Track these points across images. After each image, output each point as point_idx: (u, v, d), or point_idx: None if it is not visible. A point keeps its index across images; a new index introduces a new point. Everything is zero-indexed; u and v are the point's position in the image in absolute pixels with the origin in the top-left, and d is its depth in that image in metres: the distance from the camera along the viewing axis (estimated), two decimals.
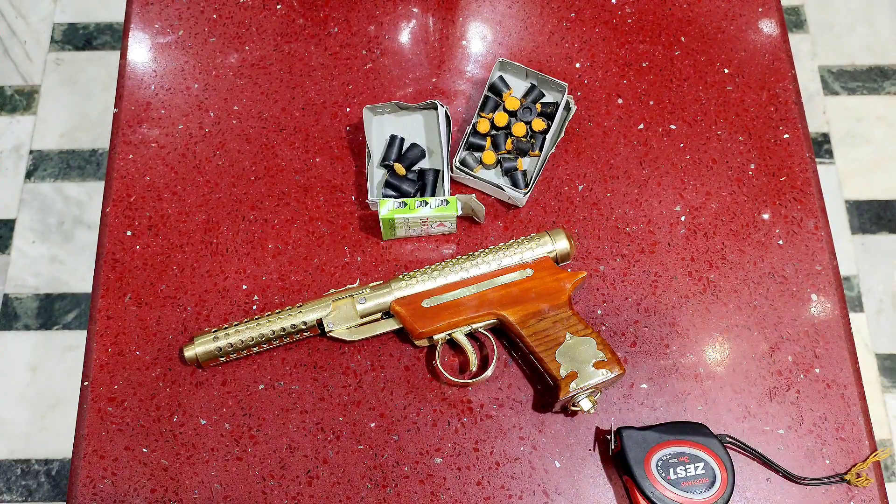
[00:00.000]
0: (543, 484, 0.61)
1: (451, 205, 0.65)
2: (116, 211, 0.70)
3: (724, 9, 0.78)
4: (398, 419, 0.63)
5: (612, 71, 0.76)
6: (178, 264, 0.68)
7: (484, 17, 0.78)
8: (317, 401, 0.64)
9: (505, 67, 0.73)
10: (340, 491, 0.61)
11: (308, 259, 0.68)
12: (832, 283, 0.67)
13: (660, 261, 0.68)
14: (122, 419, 0.63)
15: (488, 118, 0.71)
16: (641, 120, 0.73)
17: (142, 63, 0.76)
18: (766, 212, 0.70)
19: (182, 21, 0.78)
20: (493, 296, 0.62)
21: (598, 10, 0.78)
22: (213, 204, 0.71)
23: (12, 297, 1.57)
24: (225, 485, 0.61)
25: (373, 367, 0.64)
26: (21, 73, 1.76)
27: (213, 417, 0.63)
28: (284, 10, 0.78)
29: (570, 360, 0.59)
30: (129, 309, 0.67)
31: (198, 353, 0.62)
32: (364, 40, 0.77)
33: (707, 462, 0.58)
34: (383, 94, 0.75)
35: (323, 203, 0.70)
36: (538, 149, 0.70)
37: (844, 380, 0.64)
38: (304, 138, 0.73)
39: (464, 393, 0.64)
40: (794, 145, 0.72)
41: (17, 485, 1.44)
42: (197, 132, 0.73)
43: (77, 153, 1.69)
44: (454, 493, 0.61)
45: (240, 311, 0.67)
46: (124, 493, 0.61)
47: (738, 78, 0.75)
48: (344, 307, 0.63)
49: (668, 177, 0.71)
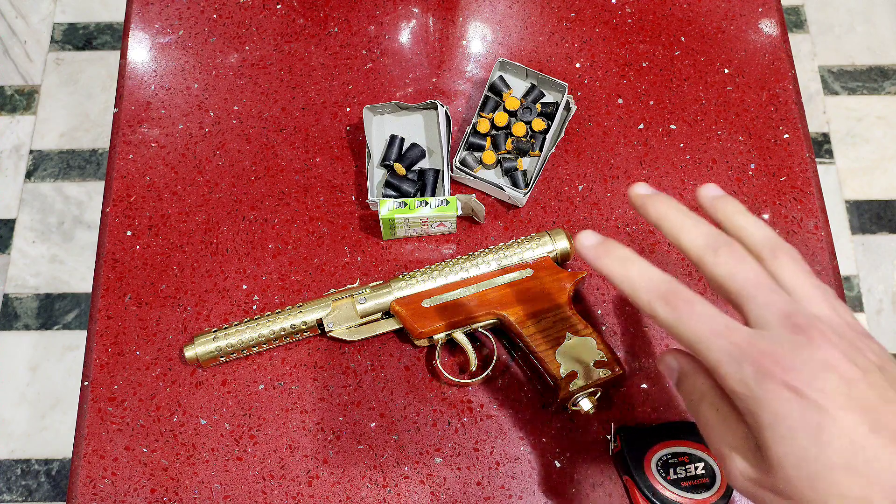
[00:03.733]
0: (543, 484, 0.61)
1: (451, 205, 0.65)
2: (116, 211, 0.70)
3: (724, 9, 0.78)
4: (398, 419, 0.63)
5: (612, 71, 0.76)
6: (178, 264, 0.68)
7: (484, 17, 0.78)
8: (317, 401, 0.64)
9: (505, 67, 0.73)
10: (340, 491, 0.61)
11: (308, 259, 0.68)
12: (832, 283, 0.67)
13: (660, 261, 0.68)
14: (122, 419, 0.63)
15: (488, 118, 0.71)
16: (641, 120, 0.73)
17: (142, 63, 0.76)
18: (766, 212, 0.70)
19: (182, 21, 0.78)
20: (493, 296, 0.62)
21: (598, 10, 0.78)
22: (213, 204, 0.71)
23: (12, 297, 1.57)
24: (225, 485, 0.61)
25: (373, 367, 0.64)
26: (21, 73, 1.76)
27: (213, 417, 0.63)
28: (284, 10, 0.78)
29: (571, 360, 0.59)
30: (129, 309, 0.67)
31: (198, 353, 0.62)
32: (364, 40, 0.77)
33: (707, 462, 0.58)
34: (383, 94, 0.75)
35: (323, 203, 0.70)
36: (538, 149, 0.70)
37: None
38: (304, 138, 0.73)
39: (464, 393, 0.64)
40: (794, 145, 0.72)
41: (17, 485, 1.44)
42: (197, 132, 0.73)
43: (77, 153, 1.69)
44: (454, 493, 0.61)
45: (240, 311, 0.67)
46: (124, 493, 0.61)
47: (738, 78, 0.75)
48: (344, 307, 0.63)
49: (668, 177, 0.71)
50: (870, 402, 0.36)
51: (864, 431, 0.35)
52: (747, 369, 0.36)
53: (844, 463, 0.35)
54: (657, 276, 0.40)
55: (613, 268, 0.42)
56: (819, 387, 0.35)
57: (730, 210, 0.43)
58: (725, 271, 0.39)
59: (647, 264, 0.41)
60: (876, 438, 0.35)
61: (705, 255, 0.40)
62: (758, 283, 0.39)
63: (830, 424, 0.35)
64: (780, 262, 0.40)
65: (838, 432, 0.35)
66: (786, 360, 0.36)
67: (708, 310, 0.38)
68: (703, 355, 0.38)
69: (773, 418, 0.36)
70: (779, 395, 0.36)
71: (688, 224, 0.42)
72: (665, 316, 0.39)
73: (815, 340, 0.37)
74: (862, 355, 0.37)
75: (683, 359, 0.42)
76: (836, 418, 0.35)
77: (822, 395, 0.35)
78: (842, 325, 0.38)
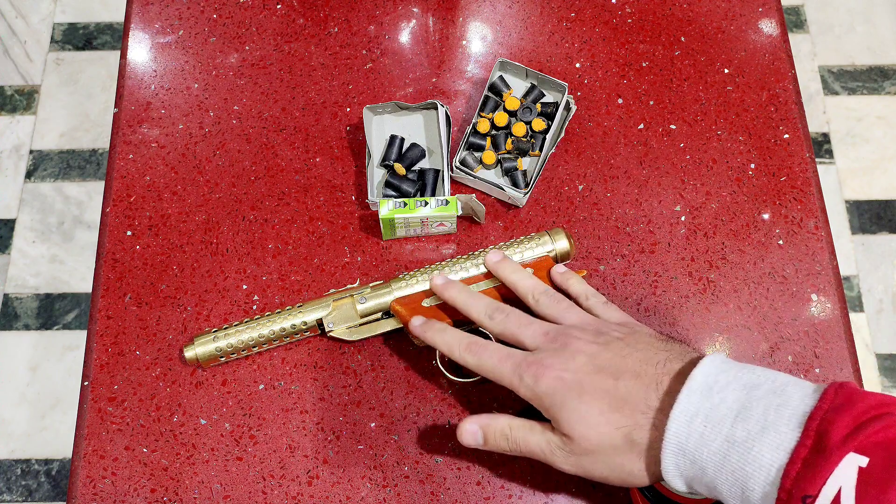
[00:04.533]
0: (543, 484, 0.61)
1: (451, 205, 0.65)
2: (116, 211, 0.70)
3: (724, 9, 0.78)
4: (398, 419, 0.63)
5: (612, 71, 0.76)
6: (178, 264, 0.68)
7: (484, 17, 0.78)
8: (317, 401, 0.64)
9: (505, 67, 0.73)
10: (340, 491, 0.61)
11: (308, 259, 0.68)
12: (832, 283, 0.67)
13: (660, 261, 0.68)
14: (122, 419, 0.63)
15: (488, 118, 0.71)
16: (641, 120, 0.73)
17: (142, 63, 0.76)
18: (766, 212, 0.70)
19: (182, 21, 0.78)
20: (494, 295, 0.62)
21: (599, 10, 0.78)
22: (213, 204, 0.71)
23: (12, 297, 1.57)
24: (225, 485, 0.61)
25: (373, 367, 0.64)
26: (21, 73, 1.76)
27: (213, 417, 0.63)
28: (284, 10, 0.78)
29: None
30: (129, 309, 0.67)
31: (198, 354, 0.62)
32: (364, 40, 0.77)
33: None
34: (383, 94, 0.75)
35: (323, 203, 0.70)
36: (538, 149, 0.70)
37: (844, 380, 0.64)
38: (304, 138, 0.73)
39: (464, 393, 0.64)
40: (794, 145, 0.72)
41: (17, 485, 1.44)
42: (197, 132, 0.73)
43: (77, 153, 1.69)
44: (454, 493, 0.61)
45: (240, 311, 0.67)
46: (124, 493, 0.61)
47: (738, 78, 0.75)
48: (344, 307, 0.63)
49: (668, 177, 0.71)
50: (612, 361, 0.50)
51: (610, 383, 0.49)
52: (527, 377, 0.51)
53: (608, 405, 0.48)
54: (461, 335, 0.56)
55: (435, 337, 0.57)
56: (572, 367, 0.50)
57: (507, 270, 0.61)
58: (500, 328, 0.56)
59: (454, 330, 0.57)
60: (622, 382, 0.49)
61: (484, 320, 0.57)
62: (520, 324, 0.55)
63: (586, 384, 0.49)
64: (540, 302, 0.58)
65: (593, 387, 0.49)
66: (548, 361, 0.51)
67: (496, 347, 0.54)
68: (499, 379, 0.53)
69: (553, 401, 0.50)
70: (552, 384, 0.50)
71: (470, 301, 0.58)
72: (471, 360, 0.54)
73: (567, 340, 0.52)
74: (605, 336, 0.52)
75: (478, 418, 0.54)
76: (588, 381, 0.49)
77: (575, 371, 0.50)
78: (589, 323, 0.54)
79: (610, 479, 0.50)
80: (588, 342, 0.52)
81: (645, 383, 0.48)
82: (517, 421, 0.53)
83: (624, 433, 0.48)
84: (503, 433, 0.53)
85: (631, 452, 0.48)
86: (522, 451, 0.53)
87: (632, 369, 0.49)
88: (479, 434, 0.54)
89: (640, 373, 0.49)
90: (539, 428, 0.52)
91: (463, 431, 0.54)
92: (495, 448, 0.54)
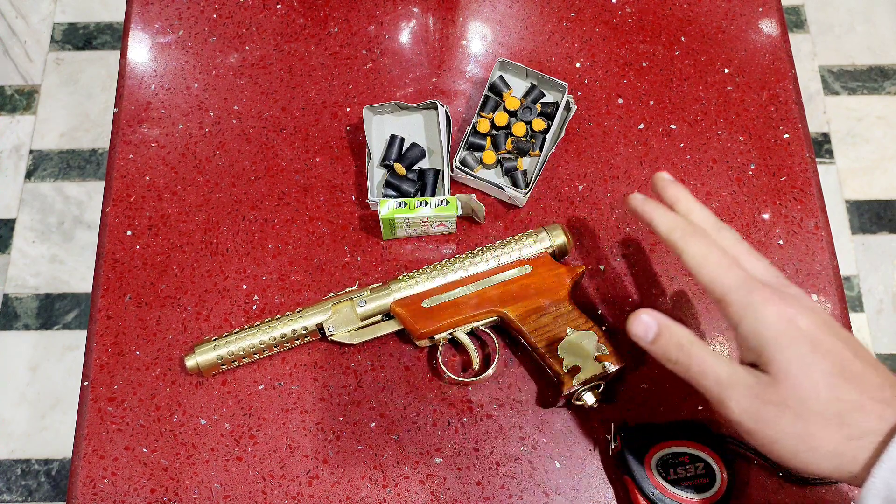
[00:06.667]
0: (543, 484, 0.61)
1: (451, 205, 0.65)
2: (116, 211, 0.70)
3: (724, 9, 0.78)
4: (398, 419, 0.63)
5: (612, 71, 0.76)
6: (178, 264, 0.68)
7: (484, 17, 0.78)
8: (317, 401, 0.64)
9: (505, 67, 0.73)
10: (340, 491, 0.61)
11: (308, 259, 0.68)
12: (832, 283, 0.67)
13: (660, 261, 0.68)
14: (122, 419, 0.63)
15: (488, 118, 0.71)
16: (641, 120, 0.73)
17: (142, 63, 0.76)
18: (767, 212, 0.70)
19: (182, 21, 0.78)
20: (493, 293, 0.62)
21: (599, 10, 0.78)
22: (213, 204, 0.71)
23: (12, 297, 1.57)
24: (225, 485, 0.61)
25: (373, 368, 0.64)
26: (21, 73, 1.76)
27: (213, 417, 0.63)
28: (284, 10, 0.78)
29: (573, 355, 0.59)
30: (129, 309, 0.67)
31: (199, 363, 0.62)
32: (364, 40, 0.77)
33: (707, 462, 0.58)
34: (383, 94, 0.75)
35: (323, 203, 0.70)
36: (538, 149, 0.70)
37: None
38: (304, 138, 0.73)
39: (464, 393, 0.64)
40: (795, 145, 0.72)
41: (17, 485, 1.44)
42: (197, 132, 0.73)
43: (77, 153, 1.69)
44: (454, 493, 0.61)
45: (240, 311, 0.67)
46: (124, 493, 0.61)
47: (738, 78, 0.75)
48: (344, 310, 0.63)
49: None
50: (847, 338, 0.46)
51: (848, 354, 0.45)
52: (757, 298, 0.45)
53: (839, 371, 0.44)
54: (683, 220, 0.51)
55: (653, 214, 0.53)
56: (810, 319, 0.45)
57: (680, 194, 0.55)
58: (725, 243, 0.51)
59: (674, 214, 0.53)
60: (858, 361, 0.44)
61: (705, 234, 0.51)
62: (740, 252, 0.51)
63: (822, 341, 0.45)
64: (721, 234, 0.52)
65: (828, 347, 0.44)
66: (786, 297, 0.46)
67: (722, 250, 0.49)
68: (715, 283, 0.48)
69: (777, 337, 0.44)
70: (782, 321, 0.45)
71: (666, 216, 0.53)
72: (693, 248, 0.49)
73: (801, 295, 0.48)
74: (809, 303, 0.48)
75: (659, 314, 0.49)
76: (825, 339, 0.45)
77: (812, 322, 0.45)
78: (784, 285, 0.49)
79: (780, 444, 0.44)
80: (822, 311, 0.47)
81: (882, 375, 0.44)
82: (700, 340, 0.48)
83: (841, 408, 0.43)
84: (679, 342, 0.47)
85: (836, 431, 0.43)
86: (693, 370, 0.47)
87: (867, 357, 0.45)
88: (653, 329, 0.48)
89: (875, 364, 0.45)
90: (727, 358, 0.47)
91: (636, 320, 0.49)
92: (661, 353, 0.48)
